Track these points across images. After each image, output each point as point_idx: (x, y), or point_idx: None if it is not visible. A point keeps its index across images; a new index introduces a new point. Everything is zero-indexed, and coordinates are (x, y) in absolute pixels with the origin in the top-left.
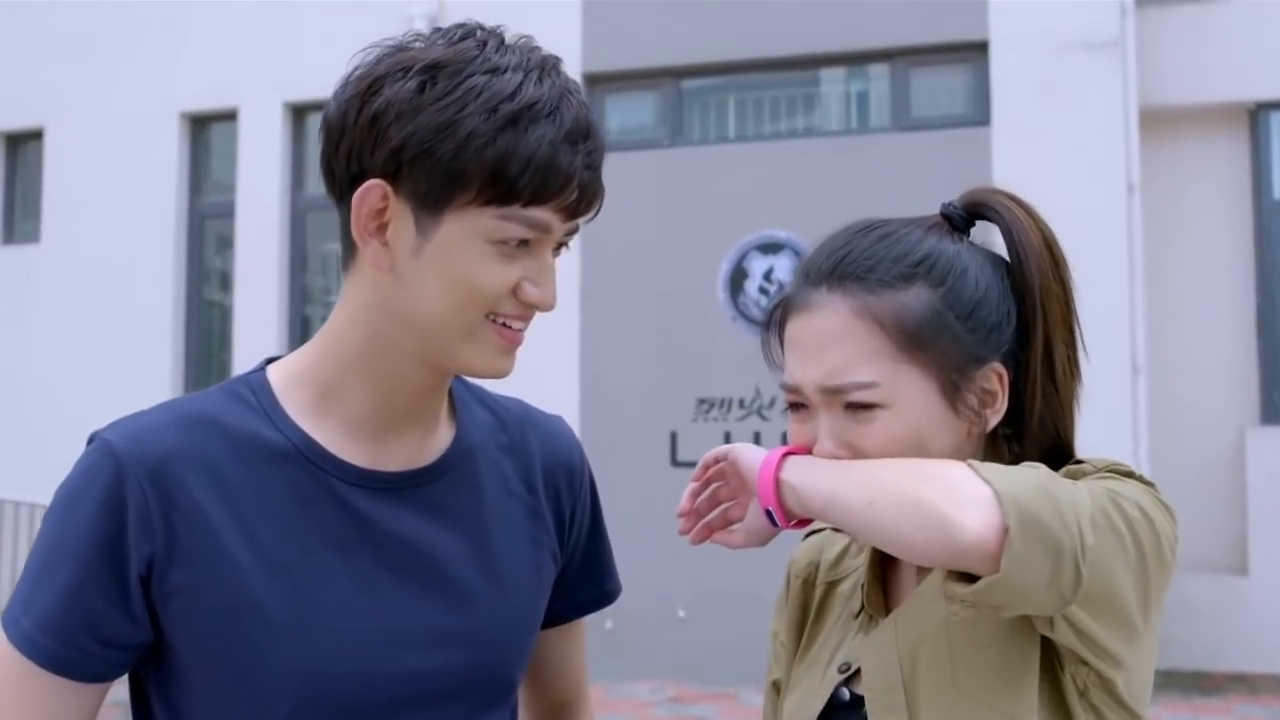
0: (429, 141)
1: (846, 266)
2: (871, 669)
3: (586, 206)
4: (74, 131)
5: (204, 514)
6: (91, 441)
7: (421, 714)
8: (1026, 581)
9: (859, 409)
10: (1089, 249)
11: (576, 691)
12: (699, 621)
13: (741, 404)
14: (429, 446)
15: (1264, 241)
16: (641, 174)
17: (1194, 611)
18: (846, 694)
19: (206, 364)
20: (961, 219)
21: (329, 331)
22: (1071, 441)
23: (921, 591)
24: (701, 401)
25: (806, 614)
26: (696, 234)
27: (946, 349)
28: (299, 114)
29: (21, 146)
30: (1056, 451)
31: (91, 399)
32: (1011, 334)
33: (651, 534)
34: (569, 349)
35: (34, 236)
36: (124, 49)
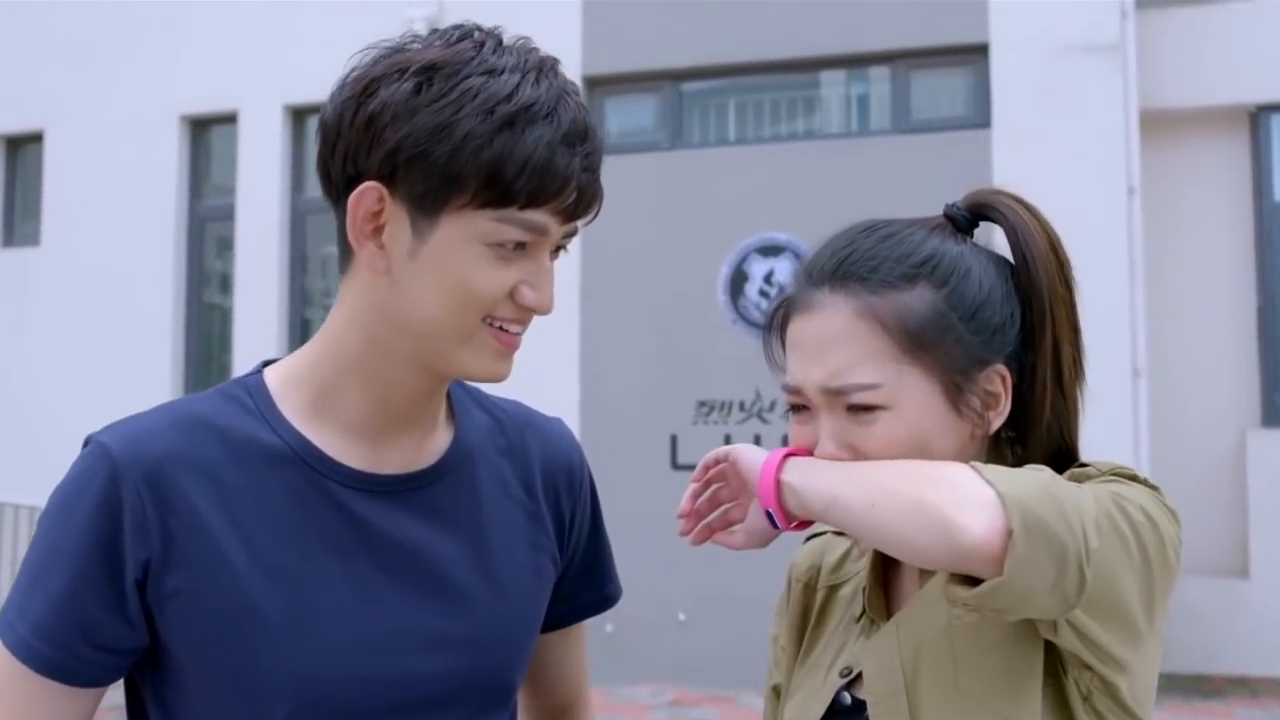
0: (424, 143)
1: (849, 267)
2: (873, 673)
3: (584, 209)
4: (74, 134)
5: (201, 517)
6: (87, 444)
7: (420, 718)
8: (1030, 585)
9: (861, 410)
10: (1089, 252)
11: (577, 695)
12: (699, 625)
13: (742, 407)
14: (427, 449)
15: (1264, 244)
16: (641, 177)
17: (1195, 614)
18: (848, 698)
19: (206, 367)
20: (965, 220)
21: (326, 334)
22: (1076, 445)
23: (923, 595)
24: (702, 404)
25: (807, 618)
26: (697, 237)
27: (950, 350)
28: (299, 117)
29: (21, 149)
30: (1060, 455)
31: (91, 402)
32: (1015, 336)
33: (651, 537)
34: (569, 352)
35: (34, 239)
36: (124, 52)
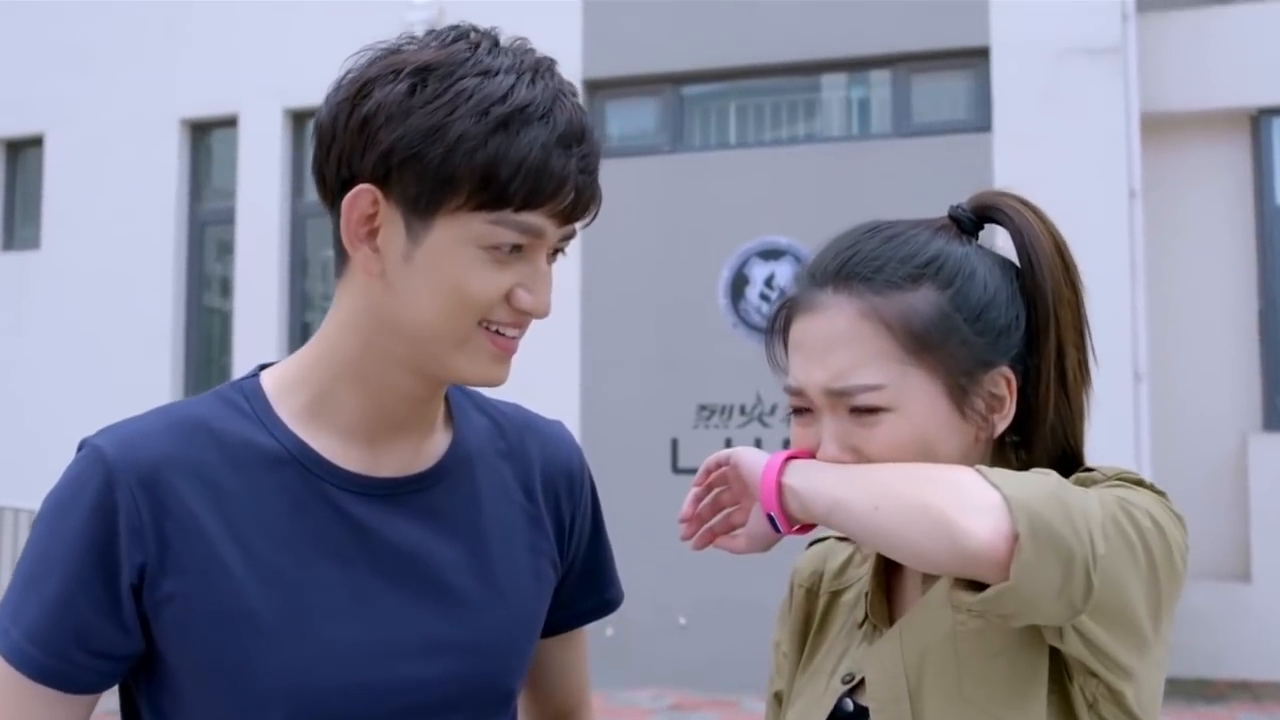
0: (418, 145)
1: (853, 267)
2: (876, 679)
3: (581, 211)
4: (74, 138)
5: (196, 521)
6: (81, 448)
7: None
8: (1037, 590)
9: (864, 412)
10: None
11: (578, 700)
12: (700, 629)
13: (742, 410)
14: (425, 452)
15: (1266, 247)
16: (642, 180)
17: (1197, 618)
18: (850, 705)
19: (206, 370)
20: (970, 221)
21: (322, 338)
22: (1081, 449)
23: (927, 601)
24: (702, 408)
25: (810, 624)
26: (697, 240)
27: (954, 352)
28: (299, 120)
29: (22, 153)
30: (1065, 459)
31: (91, 405)
32: (1020, 338)
33: (652, 541)
34: (569, 355)
35: (34, 243)
36: (124, 55)
